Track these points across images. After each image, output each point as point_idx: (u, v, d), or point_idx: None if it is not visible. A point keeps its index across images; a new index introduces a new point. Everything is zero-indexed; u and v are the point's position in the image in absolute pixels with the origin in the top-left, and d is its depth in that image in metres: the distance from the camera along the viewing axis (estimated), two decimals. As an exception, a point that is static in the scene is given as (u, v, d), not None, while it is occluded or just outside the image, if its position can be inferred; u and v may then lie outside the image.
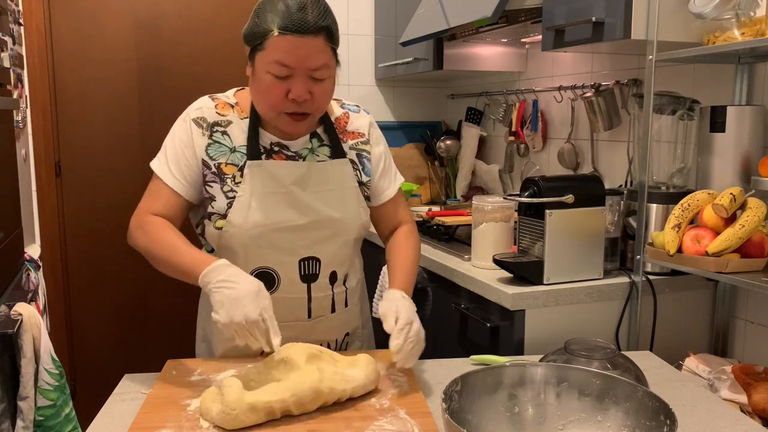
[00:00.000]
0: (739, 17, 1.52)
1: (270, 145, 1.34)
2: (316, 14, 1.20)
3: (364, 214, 1.40)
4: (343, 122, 1.43)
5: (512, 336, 1.63)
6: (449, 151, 3.10)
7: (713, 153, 1.65)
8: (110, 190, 2.99)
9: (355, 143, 1.42)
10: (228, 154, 1.32)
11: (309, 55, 1.21)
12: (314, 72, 1.23)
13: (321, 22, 1.21)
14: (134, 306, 3.08)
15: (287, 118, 1.27)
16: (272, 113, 1.28)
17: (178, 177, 1.31)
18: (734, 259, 1.43)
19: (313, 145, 1.37)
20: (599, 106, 2.19)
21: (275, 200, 1.30)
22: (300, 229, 1.32)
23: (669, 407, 0.88)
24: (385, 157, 1.47)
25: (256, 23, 1.23)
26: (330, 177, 1.35)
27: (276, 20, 1.19)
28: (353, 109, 1.47)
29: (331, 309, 1.41)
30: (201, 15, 3.01)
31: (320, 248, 1.35)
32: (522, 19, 2.14)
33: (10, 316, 1.39)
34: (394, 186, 1.48)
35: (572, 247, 1.64)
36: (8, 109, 1.92)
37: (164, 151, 1.34)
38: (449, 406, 0.90)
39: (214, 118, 1.33)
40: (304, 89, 1.23)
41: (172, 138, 1.34)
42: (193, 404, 1.13)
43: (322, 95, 1.27)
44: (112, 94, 2.97)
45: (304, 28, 1.19)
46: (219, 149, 1.32)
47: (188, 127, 1.33)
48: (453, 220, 2.26)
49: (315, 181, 1.33)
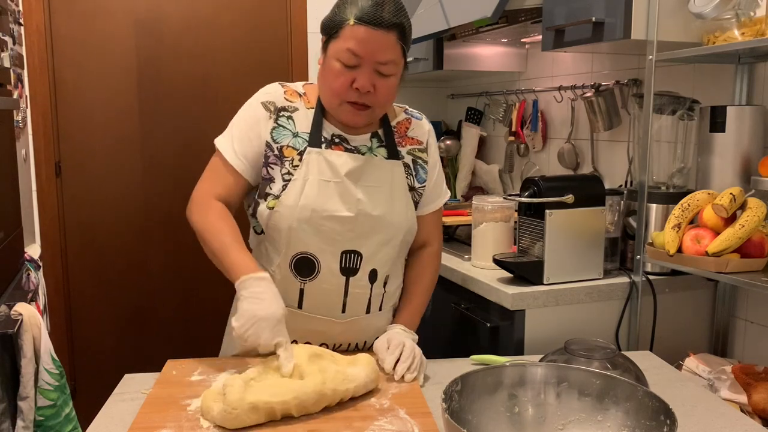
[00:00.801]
0: (739, 17, 1.52)
1: (331, 137, 1.37)
2: (391, 10, 1.26)
3: (412, 217, 1.41)
4: (404, 127, 1.45)
5: (512, 336, 1.63)
6: (449, 151, 3.10)
7: (713, 153, 1.64)
8: (110, 190, 2.99)
9: (413, 149, 1.44)
10: (290, 138, 1.35)
11: (379, 48, 1.26)
12: (381, 66, 1.28)
13: (395, 18, 1.26)
14: (134, 306, 3.08)
15: (349, 107, 1.31)
16: (335, 100, 1.32)
17: (241, 157, 1.35)
18: (734, 259, 1.43)
19: (372, 144, 1.40)
20: (599, 106, 2.19)
21: (327, 188, 1.33)
22: (346, 220, 1.33)
23: (669, 407, 0.88)
24: (439, 169, 1.49)
25: (335, 13, 1.29)
26: (382, 174, 1.37)
27: (354, 11, 1.25)
28: (416, 116, 1.49)
29: (366, 309, 1.41)
30: (201, 15, 3.01)
31: (363, 243, 1.36)
32: (522, 19, 2.14)
33: (10, 316, 1.39)
34: (440, 201, 1.50)
35: (572, 247, 1.64)
36: (8, 109, 1.92)
37: (230, 130, 1.39)
38: (449, 406, 0.90)
39: (282, 103, 1.38)
40: (368, 80, 1.28)
41: (238, 118, 1.38)
42: (193, 404, 1.13)
43: (385, 90, 1.31)
44: (112, 94, 2.97)
45: (379, 21, 1.24)
46: (282, 133, 1.36)
47: (255, 109, 1.37)
48: (453, 220, 2.26)
49: (368, 176, 1.36)
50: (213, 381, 1.23)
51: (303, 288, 1.35)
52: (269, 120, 1.36)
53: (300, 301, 1.36)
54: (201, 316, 3.11)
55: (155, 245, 3.05)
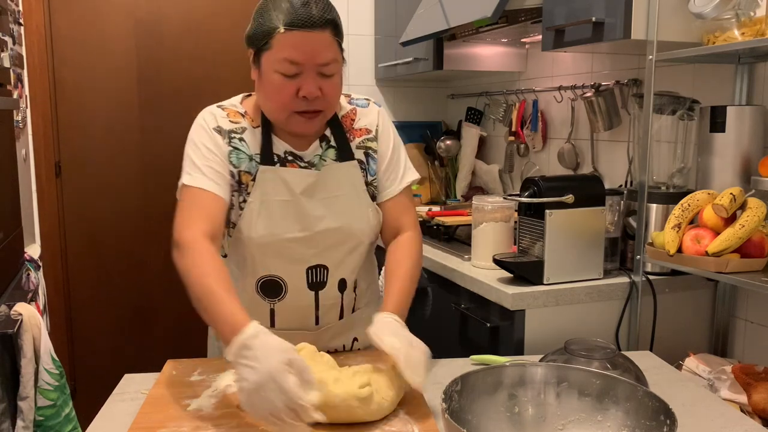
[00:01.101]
0: (739, 17, 1.52)
1: (284, 154, 1.30)
2: (320, 8, 1.19)
3: (374, 218, 1.35)
4: (349, 119, 1.37)
5: (512, 336, 1.63)
6: (449, 151, 3.10)
7: (713, 153, 1.64)
8: (110, 190, 2.99)
9: (362, 141, 1.36)
10: (247, 162, 1.28)
11: (317, 50, 1.19)
12: (323, 68, 1.21)
13: (326, 15, 1.19)
14: (134, 306, 3.08)
15: (299, 117, 1.24)
16: (283, 114, 1.24)
17: (217, 180, 1.25)
18: (734, 259, 1.43)
19: (323, 149, 1.33)
20: (599, 106, 2.19)
21: (283, 209, 1.27)
22: (308, 238, 1.29)
23: (669, 407, 0.88)
24: (392, 151, 1.39)
25: (260, 23, 1.20)
26: (337, 182, 1.31)
27: (281, 17, 1.17)
28: (361, 103, 1.40)
29: (339, 316, 1.39)
30: (201, 16, 3.01)
31: (328, 256, 1.32)
32: (522, 19, 2.14)
33: (10, 316, 1.39)
34: (398, 185, 1.38)
35: (572, 247, 1.64)
36: (8, 109, 1.92)
37: (191, 164, 1.26)
38: (449, 406, 0.90)
39: (228, 126, 1.29)
40: (314, 86, 1.20)
41: (195, 149, 1.27)
42: (193, 404, 1.13)
43: (332, 91, 1.24)
44: (112, 94, 2.97)
45: (311, 23, 1.17)
46: (239, 156, 1.28)
47: (210, 135, 1.27)
48: (453, 220, 2.26)
49: (323, 188, 1.30)
50: (213, 381, 1.23)
51: (273, 308, 1.34)
52: (225, 145, 1.27)
53: (272, 320, 1.35)
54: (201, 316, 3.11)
55: (155, 245, 3.05)
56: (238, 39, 1.32)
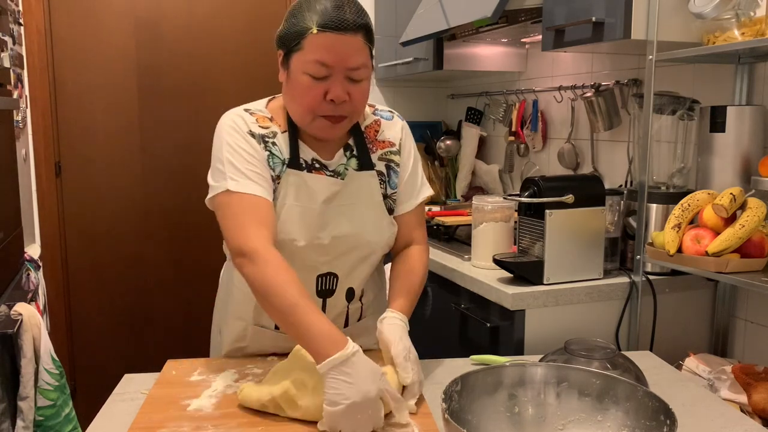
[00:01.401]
0: (739, 17, 1.52)
1: (311, 161, 1.29)
2: (354, 12, 1.18)
3: (388, 230, 1.34)
4: (373, 130, 1.36)
5: (512, 336, 1.63)
6: (449, 151, 3.10)
7: (713, 153, 1.64)
8: (110, 190, 2.99)
9: (385, 153, 1.35)
10: (280, 167, 1.27)
11: (348, 54, 1.18)
12: (353, 72, 1.19)
13: (359, 20, 1.18)
14: (134, 306, 3.08)
15: (324, 121, 1.22)
16: (308, 117, 1.22)
17: (264, 185, 1.23)
18: (734, 259, 1.43)
19: (346, 158, 1.32)
20: (599, 106, 2.19)
21: (302, 216, 1.26)
22: (322, 246, 1.28)
23: (669, 407, 0.88)
24: (412, 167, 1.38)
25: (292, 23, 1.20)
26: (355, 191, 1.30)
27: (315, 18, 1.16)
28: (386, 115, 1.39)
29: (344, 324, 1.39)
30: (201, 15, 3.01)
31: (339, 264, 1.31)
32: (522, 19, 2.14)
33: (10, 316, 1.39)
34: (415, 200, 1.38)
35: (572, 247, 1.64)
36: (8, 109, 1.92)
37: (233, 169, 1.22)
38: (449, 406, 0.90)
39: (259, 131, 1.27)
40: (342, 90, 1.19)
41: (234, 154, 1.23)
42: (193, 404, 1.13)
43: (359, 96, 1.23)
44: (112, 94, 2.97)
45: (344, 26, 1.16)
46: (275, 161, 1.26)
47: (247, 139, 1.24)
48: (453, 220, 2.26)
49: (342, 196, 1.29)
50: (213, 381, 1.23)
51: None
52: (262, 149, 1.25)
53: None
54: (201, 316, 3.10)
55: (155, 245, 3.05)
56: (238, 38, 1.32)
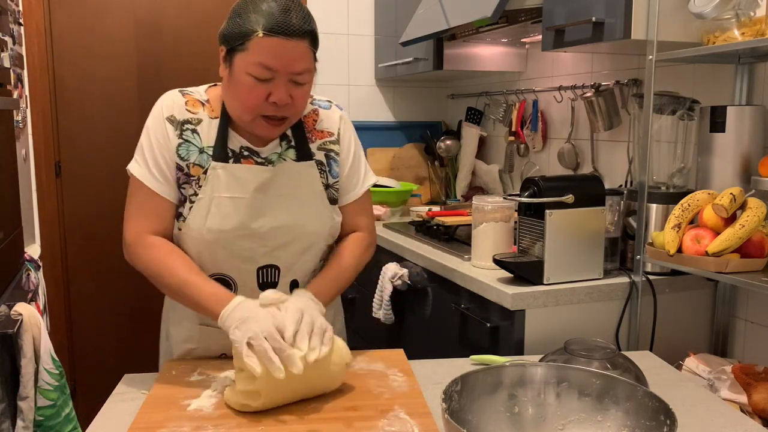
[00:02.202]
0: (739, 17, 1.52)
1: (240, 149, 1.29)
2: (300, 18, 1.17)
3: (330, 220, 1.34)
4: (311, 120, 1.36)
5: (512, 336, 1.63)
6: (449, 151, 3.10)
7: (713, 153, 1.65)
8: (110, 190, 2.99)
9: (324, 143, 1.36)
10: (197, 154, 1.27)
11: (294, 59, 1.18)
12: (297, 76, 1.20)
13: (306, 26, 1.18)
14: (134, 306, 3.08)
15: (263, 122, 1.23)
16: (248, 116, 1.23)
17: (162, 180, 1.27)
18: (734, 259, 1.43)
19: (282, 148, 1.32)
20: (599, 106, 2.19)
21: (235, 206, 1.26)
22: (258, 236, 1.28)
23: (669, 407, 0.88)
24: (353, 156, 1.39)
25: (237, 23, 1.19)
26: (294, 180, 1.30)
27: (261, 21, 1.15)
28: (323, 105, 1.39)
29: None
30: (201, 14, 3.01)
31: (279, 255, 1.31)
32: (522, 19, 2.14)
33: (10, 316, 1.39)
34: (359, 188, 1.40)
35: (572, 247, 1.64)
36: (8, 109, 1.92)
37: (141, 152, 1.29)
38: (449, 406, 0.90)
39: (183, 115, 1.28)
40: (285, 93, 1.20)
41: (147, 139, 1.29)
42: (193, 404, 1.13)
43: (301, 99, 1.24)
44: (113, 93, 2.97)
45: (291, 31, 1.15)
46: (189, 149, 1.27)
47: (162, 126, 1.28)
48: (453, 220, 2.26)
49: (278, 185, 1.29)
50: (212, 381, 1.23)
51: None
52: (175, 137, 1.27)
53: None
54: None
55: (155, 245, 3.04)
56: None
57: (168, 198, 1.28)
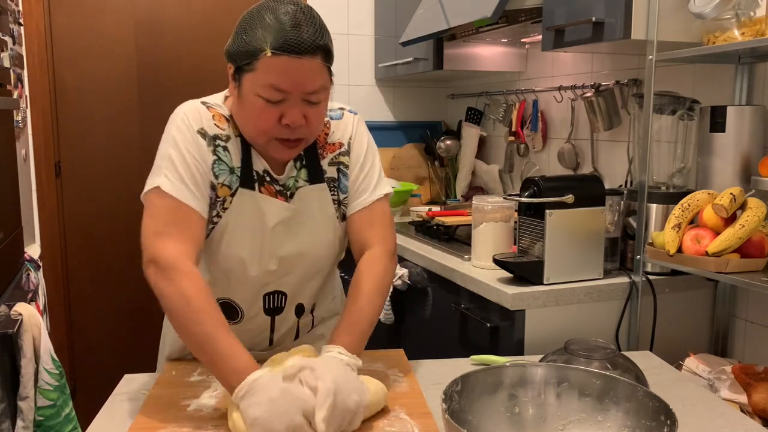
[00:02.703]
0: (739, 17, 1.52)
1: (263, 173, 1.22)
2: (311, 32, 1.07)
3: (339, 245, 1.31)
4: (323, 134, 1.28)
5: (512, 336, 1.63)
6: (449, 151, 3.10)
7: (713, 153, 1.64)
8: (110, 190, 2.99)
9: (335, 156, 1.28)
10: (227, 174, 1.19)
11: (306, 78, 1.09)
12: (310, 95, 1.11)
13: (318, 40, 1.08)
14: (134, 306, 3.07)
15: (278, 144, 1.15)
16: (262, 139, 1.15)
17: (199, 195, 1.15)
18: (734, 259, 1.43)
19: (296, 169, 1.25)
20: (599, 106, 2.19)
21: (252, 236, 1.20)
22: (268, 270, 1.24)
23: (669, 407, 0.88)
24: (363, 159, 1.30)
25: (244, 41, 1.10)
26: (307, 209, 1.24)
27: (268, 39, 1.06)
28: (335, 115, 1.30)
29: (294, 336, 1.37)
30: (201, 15, 3.01)
31: (286, 282, 1.28)
32: (522, 19, 2.14)
33: (10, 316, 1.39)
34: (369, 195, 1.28)
35: (572, 247, 1.64)
36: (8, 109, 1.92)
37: (171, 166, 1.14)
38: (449, 406, 0.90)
39: (213, 130, 1.18)
40: (299, 114, 1.11)
41: (177, 151, 1.15)
42: (193, 404, 1.13)
43: (317, 119, 1.15)
44: (113, 94, 2.97)
45: (301, 48, 1.06)
46: (221, 167, 1.18)
47: (194, 139, 1.16)
48: (453, 220, 2.26)
49: (294, 219, 1.24)
50: (213, 381, 1.23)
51: None
52: (209, 152, 1.17)
53: None
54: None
55: (155, 245, 3.04)
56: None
57: (204, 216, 1.16)
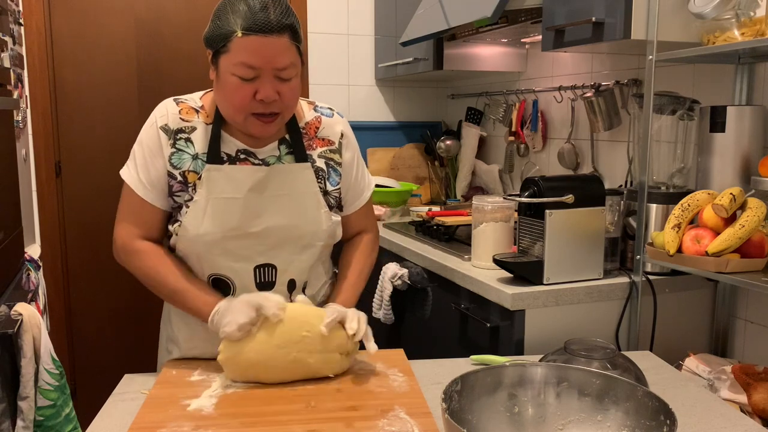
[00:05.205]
0: (739, 17, 1.52)
1: (236, 153, 1.31)
2: (278, 13, 1.19)
3: (326, 221, 1.36)
4: (313, 127, 1.39)
5: (512, 336, 1.63)
6: (449, 151, 3.10)
7: (713, 153, 1.64)
8: (110, 190, 2.98)
9: (325, 151, 1.38)
10: (190, 161, 1.30)
11: (275, 55, 1.19)
12: (281, 72, 1.21)
13: (284, 20, 1.19)
14: (134, 306, 3.08)
15: (256, 120, 1.25)
16: (240, 116, 1.25)
17: (149, 186, 1.30)
18: (734, 259, 1.43)
19: (281, 152, 1.34)
20: (599, 106, 2.19)
21: (230, 206, 1.28)
22: (254, 236, 1.30)
23: (669, 407, 0.88)
24: (356, 165, 1.44)
25: (217, 26, 1.21)
26: (289, 181, 1.32)
27: (239, 21, 1.17)
28: (326, 113, 1.42)
29: None
30: (201, 15, 3.01)
31: (276, 255, 1.33)
32: (522, 19, 2.14)
33: (10, 316, 1.39)
34: (366, 194, 1.48)
35: (572, 247, 1.64)
36: (8, 109, 1.92)
37: (133, 160, 1.32)
38: (449, 406, 0.90)
39: (177, 124, 1.31)
40: (271, 89, 1.21)
41: (140, 146, 1.32)
42: (193, 404, 1.13)
43: (290, 94, 1.25)
44: (112, 94, 2.97)
45: (268, 28, 1.17)
46: (181, 157, 1.30)
47: (156, 134, 1.30)
48: (453, 220, 2.26)
49: (273, 185, 1.31)
50: (213, 381, 1.23)
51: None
52: (168, 146, 1.30)
53: None
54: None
55: (155, 245, 3.04)
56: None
57: (156, 206, 1.31)
